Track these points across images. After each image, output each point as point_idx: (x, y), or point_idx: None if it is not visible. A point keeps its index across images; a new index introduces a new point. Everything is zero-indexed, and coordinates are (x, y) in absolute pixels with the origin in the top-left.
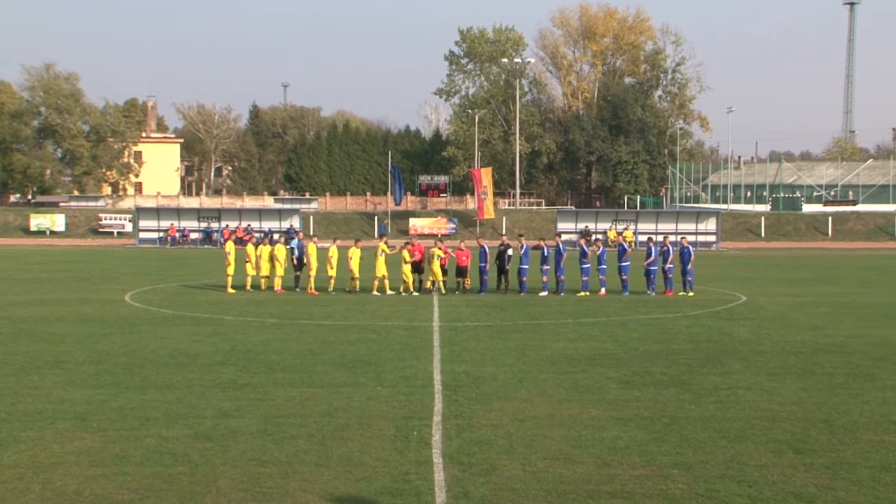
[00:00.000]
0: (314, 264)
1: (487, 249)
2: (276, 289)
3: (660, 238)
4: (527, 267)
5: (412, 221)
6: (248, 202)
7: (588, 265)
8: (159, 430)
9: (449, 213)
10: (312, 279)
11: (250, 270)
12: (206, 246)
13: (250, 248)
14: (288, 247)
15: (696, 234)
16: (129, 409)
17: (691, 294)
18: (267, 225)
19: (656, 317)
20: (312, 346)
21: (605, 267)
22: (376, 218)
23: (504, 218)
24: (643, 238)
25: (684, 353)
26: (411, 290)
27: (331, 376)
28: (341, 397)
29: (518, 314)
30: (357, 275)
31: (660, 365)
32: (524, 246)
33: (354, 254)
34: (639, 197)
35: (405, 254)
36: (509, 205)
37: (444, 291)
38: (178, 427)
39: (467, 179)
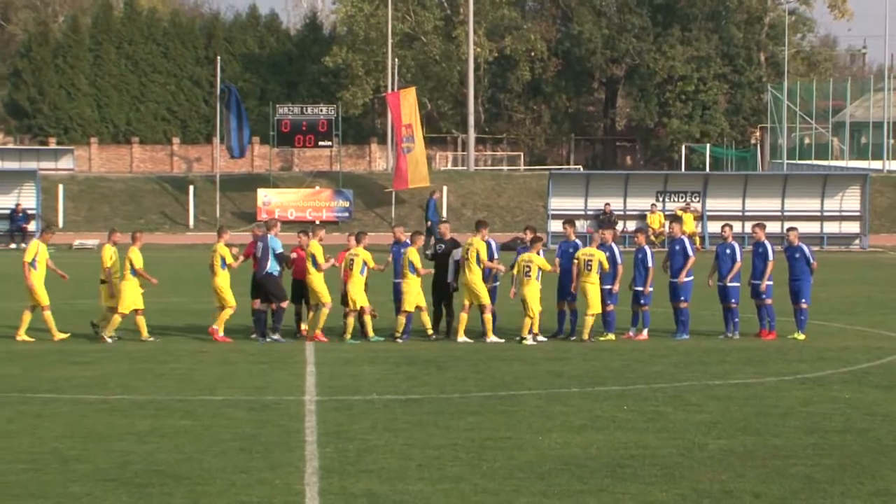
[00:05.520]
0: (317, 289)
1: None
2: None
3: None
4: (495, 285)
5: (263, 195)
6: None
7: (615, 285)
8: None
9: (336, 178)
10: (323, 315)
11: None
12: None
13: (109, 251)
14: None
15: (822, 219)
16: None
17: (802, 337)
18: None
19: (741, 382)
20: (61, 445)
21: (646, 288)
22: (192, 189)
23: (445, 188)
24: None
25: (797, 454)
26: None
27: None
28: None
29: (474, 378)
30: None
31: (750, 478)
32: (490, 244)
33: (360, 258)
34: (709, 147)
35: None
36: (455, 162)
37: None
38: None
39: (374, 112)
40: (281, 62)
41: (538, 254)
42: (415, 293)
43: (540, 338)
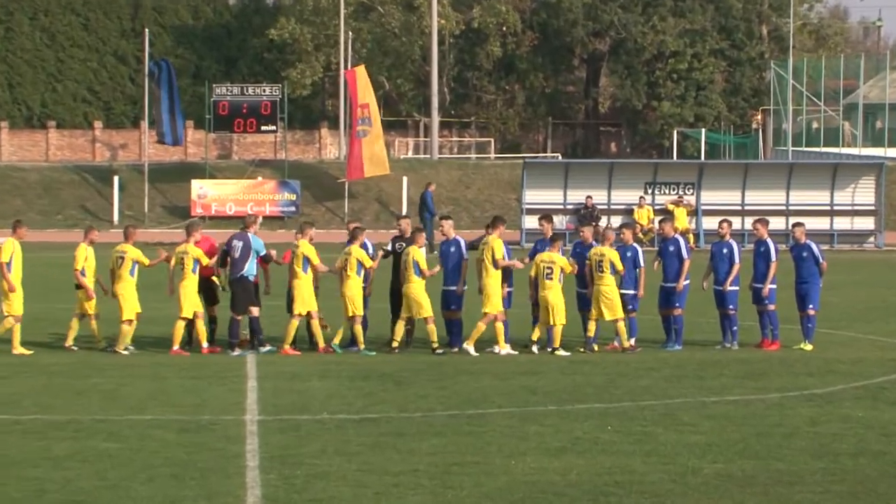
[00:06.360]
0: (304, 296)
1: (371, 249)
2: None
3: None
4: (455, 289)
5: (198, 187)
6: None
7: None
8: None
9: (282, 167)
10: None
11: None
12: None
13: (84, 251)
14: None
15: (832, 213)
16: None
17: (809, 348)
18: None
19: (740, 398)
20: None
21: (635, 292)
22: (117, 180)
23: (405, 178)
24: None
25: (804, 480)
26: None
27: None
28: None
29: (437, 395)
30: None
31: None
32: (455, 242)
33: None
34: (704, 132)
35: None
36: (416, 149)
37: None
38: None
39: (325, 93)
40: (218, 35)
41: (559, 252)
42: (426, 297)
43: (561, 352)
